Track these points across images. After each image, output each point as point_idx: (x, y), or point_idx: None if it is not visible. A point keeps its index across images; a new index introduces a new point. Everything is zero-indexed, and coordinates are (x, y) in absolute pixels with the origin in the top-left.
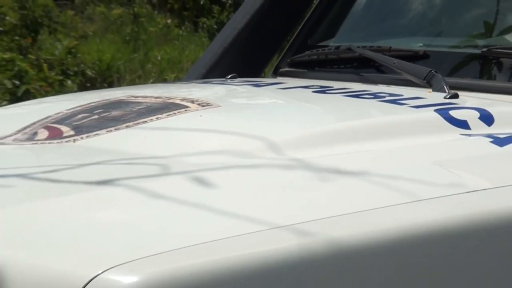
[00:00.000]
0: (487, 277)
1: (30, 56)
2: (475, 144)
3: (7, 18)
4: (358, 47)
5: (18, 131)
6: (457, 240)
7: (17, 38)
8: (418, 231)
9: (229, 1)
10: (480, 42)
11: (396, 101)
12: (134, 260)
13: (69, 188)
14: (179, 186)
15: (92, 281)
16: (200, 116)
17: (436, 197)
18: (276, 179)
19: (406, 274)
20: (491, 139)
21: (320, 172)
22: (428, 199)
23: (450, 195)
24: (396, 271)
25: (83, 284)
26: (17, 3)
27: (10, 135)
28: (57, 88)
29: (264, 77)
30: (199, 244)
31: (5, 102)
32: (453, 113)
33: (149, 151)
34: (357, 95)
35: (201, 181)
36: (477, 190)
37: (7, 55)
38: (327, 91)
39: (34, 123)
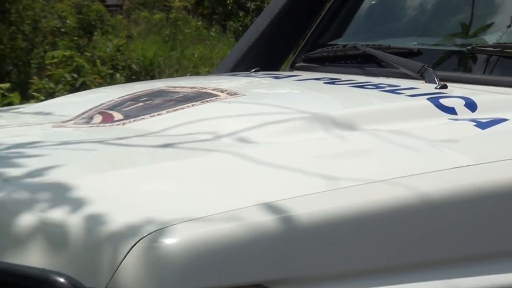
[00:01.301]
0: (470, 237)
1: (86, 53)
2: (461, 127)
3: (67, 21)
4: (362, 45)
5: (77, 116)
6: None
7: (75, 38)
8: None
9: (252, 7)
10: (465, 41)
11: (394, 91)
12: (176, 224)
13: (120, 162)
14: (228, 156)
15: (139, 241)
16: (229, 103)
17: (426, 173)
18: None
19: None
20: (475, 123)
21: (342, 145)
22: (420, 174)
23: (439, 170)
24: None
25: (131, 245)
26: (75, 9)
27: (71, 120)
28: (108, 80)
29: (282, 70)
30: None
31: (65, 92)
32: (442, 101)
33: (189, 131)
34: (361, 86)
35: (260, 150)
36: (462, 166)
37: (67, 53)
38: (335, 83)
39: (90, 110)
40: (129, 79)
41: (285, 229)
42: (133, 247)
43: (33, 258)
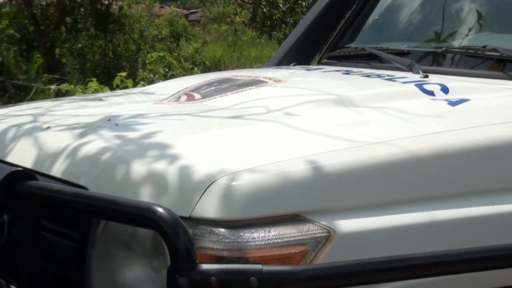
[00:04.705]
0: (443, 181)
1: (174, 53)
2: (438, 105)
3: (163, 31)
4: (368, 47)
5: (170, 96)
6: (426, 159)
7: (168, 43)
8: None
9: (291, 21)
10: (440, 45)
11: (391, 79)
12: (238, 171)
13: (200, 128)
14: (276, 124)
15: (213, 183)
16: (275, 87)
17: (414, 136)
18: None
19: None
20: (447, 102)
21: (355, 116)
22: (410, 137)
23: (423, 134)
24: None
25: (207, 185)
26: (168, 23)
27: (166, 98)
28: (189, 72)
29: (312, 65)
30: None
31: (160, 81)
32: (425, 86)
33: (247, 106)
34: (368, 76)
35: (298, 120)
36: (438, 132)
37: (161, 54)
38: (350, 73)
39: (178, 91)
40: (204, 71)
41: (315, 175)
42: (208, 187)
43: (140, 195)
